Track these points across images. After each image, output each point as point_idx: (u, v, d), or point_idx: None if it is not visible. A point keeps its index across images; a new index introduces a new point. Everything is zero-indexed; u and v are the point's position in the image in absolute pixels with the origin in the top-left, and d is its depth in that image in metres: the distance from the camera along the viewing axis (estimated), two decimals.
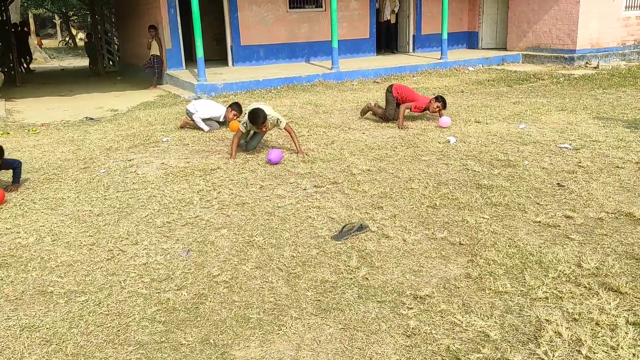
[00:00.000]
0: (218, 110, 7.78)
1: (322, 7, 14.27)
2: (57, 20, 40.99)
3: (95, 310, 3.06)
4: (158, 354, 2.66)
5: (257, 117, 5.95)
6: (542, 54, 14.31)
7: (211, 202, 4.77)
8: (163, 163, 6.09)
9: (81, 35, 39.40)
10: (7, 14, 15.47)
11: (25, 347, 2.74)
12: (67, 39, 37.56)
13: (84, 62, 23.58)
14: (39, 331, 2.87)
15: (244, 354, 2.65)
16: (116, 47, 17.86)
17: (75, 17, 38.21)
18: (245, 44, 13.51)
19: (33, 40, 26.10)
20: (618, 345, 2.56)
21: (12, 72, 15.11)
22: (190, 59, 14.02)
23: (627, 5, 14.14)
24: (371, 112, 8.13)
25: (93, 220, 4.43)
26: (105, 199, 4.93)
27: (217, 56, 15.06)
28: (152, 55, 12.61)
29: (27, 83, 14.76)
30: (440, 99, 7.57)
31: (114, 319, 2.96)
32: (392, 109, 7.74)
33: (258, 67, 13.39)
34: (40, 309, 3.09)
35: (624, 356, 2.48)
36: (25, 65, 18.10)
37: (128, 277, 3.45)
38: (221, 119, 7.78)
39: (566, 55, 13.76)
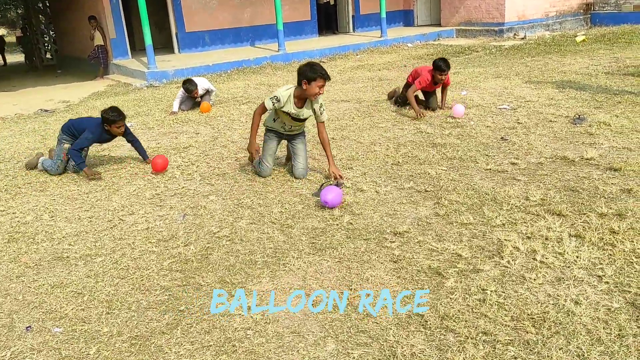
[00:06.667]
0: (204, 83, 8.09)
1: None
2: None
3: (115, 267, 3.40)
4: (183, 293, 3.05)
5: (315, 69, 4.32)
6: (474, 28, 15.18)
7: (192, 175, 5.11)
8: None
9: None
10: None
11: (60, 299, 3.05)
12: None
13: (13, 57, 22.81)
14: (69, 287, 3.18)
15: (258, 288, 3.07)
16: (52, 40, 17.44)
17: None
18: (190, 30, 13.63)
19: None
20: (564, 251, 3.16)
21: None
22: (133, 48, 14.00)
23: None
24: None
25: (84, 197, 4.69)
26: (89, 179, 5.17)
27: (160, 44, 15.06)
28: (96, 45, 12.54)
29: None
30: (435, 65, 6.55)
31: (135, 272, 3.31)
32: (401, 97, 7.20)
33: (205, 53, 13.56)
34: (63, 271, 3.39)
35: (569, 258, 3.08)
36: None
37: (135, 239, 3.78)
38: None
39: (496, 28, 14.68)
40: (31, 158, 5.72)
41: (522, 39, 14.04)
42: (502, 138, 5.55)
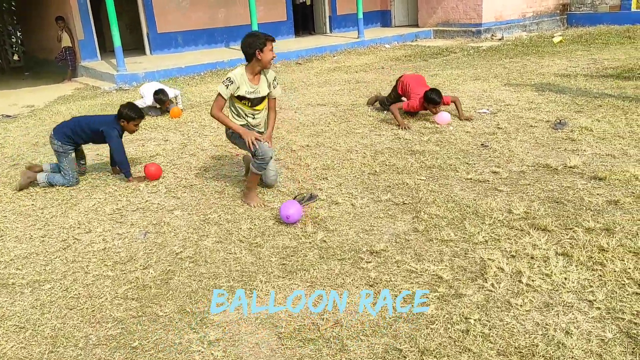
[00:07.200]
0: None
1: None
2: None
3: (65, 295, 3.09)
4: (138, 326, 2.76)
5: (259, 36, 4.08)
6: (452, 28, 15.05)
7: (158, 187, 4.80)
8: (97, 154, 5.98)
9: None
10: None
11: None
12: None
13: None
14: (10, 320, 2.87)
15: (221, 318, 2.80)
16: (20, 41, 16.87)
17: None
18: (163, 31, 13.24)
19: None
20: (551, 272, 2.95)
21: None
22: (104, 49, 13.57)
23: None
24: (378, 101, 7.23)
25: (38, 213, 4.35)
26: (45, 192, 4.83)
27: (131, 45, 14.63)
28: (63, 47, 12.08)
29: None
30: (427, 98, 6.17)
31: (86, 301, 3.01)
32: (389, 100, 6.83)
33: (177, 54, 13.17)
34: (6, 300, 3.07)
35: (557, 280, 2.87)
36: None
37: (90, 262, 3.47)
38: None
39: (473, 29, 14.57)
40: (21, 180, 4.90)
41: (500, 39, 13.95)
42: (482, 144, 5.35)
